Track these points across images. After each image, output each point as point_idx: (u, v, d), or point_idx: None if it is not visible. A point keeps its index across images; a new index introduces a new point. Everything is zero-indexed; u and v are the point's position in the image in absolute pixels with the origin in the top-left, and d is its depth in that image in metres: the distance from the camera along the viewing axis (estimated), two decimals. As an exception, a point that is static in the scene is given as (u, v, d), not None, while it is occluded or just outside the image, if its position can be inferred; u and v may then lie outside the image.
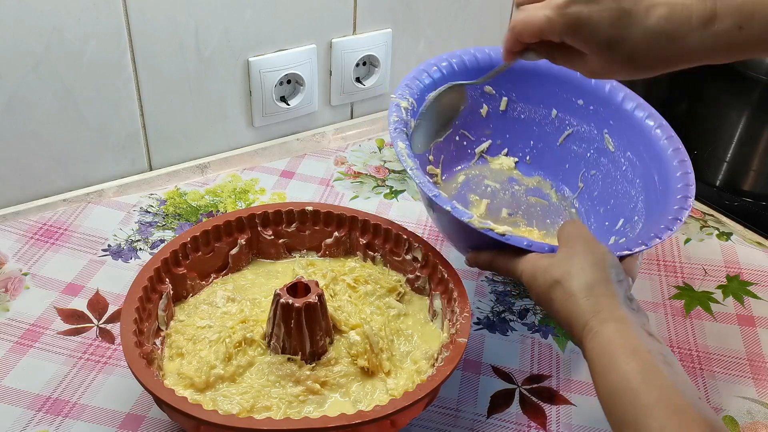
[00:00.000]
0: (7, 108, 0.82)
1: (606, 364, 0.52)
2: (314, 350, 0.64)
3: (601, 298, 0.55)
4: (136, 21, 0.84)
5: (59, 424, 0.65)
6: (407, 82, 0.77)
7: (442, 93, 0.74)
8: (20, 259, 0.81)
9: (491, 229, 0.64)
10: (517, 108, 0.85)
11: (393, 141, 0.70)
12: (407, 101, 0.74)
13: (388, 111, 0.74)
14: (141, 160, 0.94)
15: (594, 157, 0.83)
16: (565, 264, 0.58)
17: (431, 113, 0.74)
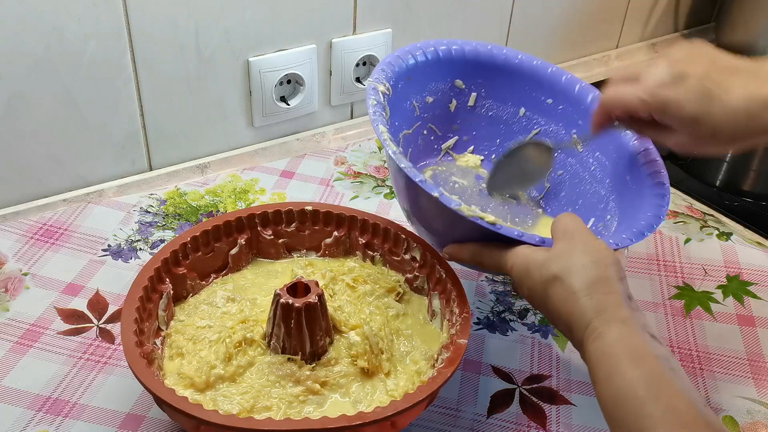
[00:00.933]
0: (7, 108, 0.82)
1: (610, 369, 0.50)
2: (314, 350, 0.64)
3: (604, 297, 0.53)
4: (136, 21, 0.84)
5: (59, 424, 0.65)
6: (383, 67, 0.74)
7: (526, 144, 0.76)
8: (20, 259, 0.81)
9: (481, 218, 0.61)
10: (486, 105, 0.83)
11: (374, 124, 0.67)
12: (384, 86, 0.72)
13: (366, 94, 0.71)
14: (141, 160, 0.94)
15: (561, 157, 0.81)
16: (564, 259, 0.56)
17: (514, 161, 0.76)
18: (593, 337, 0.52)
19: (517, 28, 1.18)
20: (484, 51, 0.80)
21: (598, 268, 0.55)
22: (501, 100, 0.82)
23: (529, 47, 1.23)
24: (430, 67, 0.78)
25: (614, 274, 0.55)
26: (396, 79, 0.74)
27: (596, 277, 0.54)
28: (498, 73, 0.81)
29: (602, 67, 1.34)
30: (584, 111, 0.78)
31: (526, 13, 1.17)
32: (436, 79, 0.80)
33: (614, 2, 1.30)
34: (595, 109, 0.67)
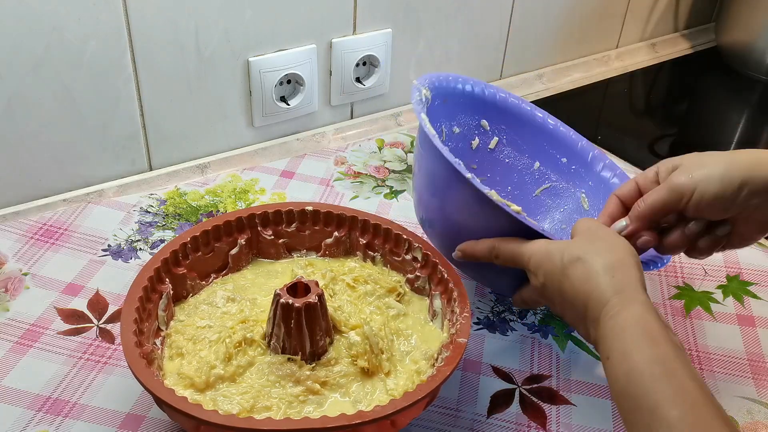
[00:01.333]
0: (7, 108, 0.82)
1: (628, 345, 0.51)
2: (314, 350, 0.64)
3: (624, 278, 0.55)
4: (136, 21, 0.84)
5: (59, 424, 0.65)
6: (431, 77, 0.78)
7: None
8: (20, 259, 0.81)
9: (509, 205, 0.64)
10: (504, 151, 0.86)
11: (417, 113, 0.70)
12: (426, 90, 0.75)
13: (411, 91, 0.74)
14: (141, 160, 0.94)
15: (567, 212, 0.85)
16: (587, 244, 0.59)
17: None
18: (611, 315, 0.53)
19: (517, 28, 1.18)
20: (513, 101, 0.84)
21: (618, 253, 0.57)
22: (519, 150, 0.86)
23: (529, 47, 1.23)
24: (465, 99, 0.81)
25: (634, 262, 0.57)
26: (435, 94, 0.77)
27: (617, 261, 0.57)
28: (521, 123, 0.85)
29: (602, 67, 1.34)
30: (595, 175, 0.83)
31: (526, 13, 1.18)
32: (466, 113, 0.83)
33: (614, 2, 1.30)
34: (631, 215, 0.64)
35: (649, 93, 1.37)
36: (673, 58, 1.43)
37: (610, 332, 0.53)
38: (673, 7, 1.42)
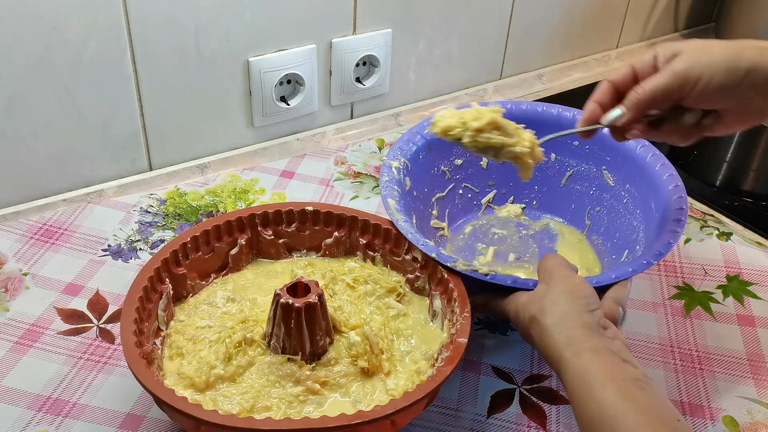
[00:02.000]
0: (7, 108, 0.82)
1: (582, 395, 0.52)
2: (314, 350, 0.64)
3: (573, 330, 0.56)
4: (136, 21, 0.84)
5: (59, 424, 0.65)
6: (400, 144, 0.81)
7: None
8: (20, 259, 0.81)
9: (475, 270, 0.67)
10: None
11: (383, 199, 0.74)
12: (399, 161, 0.78)
13: (381, 171, 0.78)
14: (141, 160, 0.94)
15: (597, 194, 0.85)
16: (539, 300, 0.60)
17: None
18: (566, 370, 0.55)
19: (517, 28, 1.18)
20: (508, 108, 0.84)
21: (568, 303, 0.58)
22: None
23: (529, 47, 1.23)
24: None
25: (583, 307, 0.58)
26: (416, 152, 0.81)
27: (565, 313, 0.58)
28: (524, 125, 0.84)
29: (602, 67, 1.34)
30: (609, 146, 0.82)
31: (526, 13, 1.17)
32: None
33: (614, 2, 1.30)
34: (628, 103, 0.62)
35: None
36: (673, 58, 1.43)
37: (568, 386, 0.55)
38: (673, 7, 1.42)
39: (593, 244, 0.85)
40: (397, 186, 0.76)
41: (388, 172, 0.77)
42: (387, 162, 0.78)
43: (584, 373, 0.53)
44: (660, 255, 0.69)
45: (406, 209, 0.75)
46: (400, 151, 0.80)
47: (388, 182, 0.76)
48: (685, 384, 0.72)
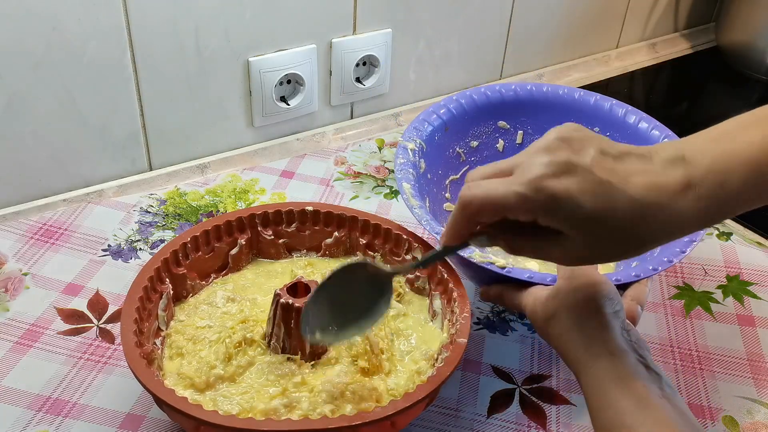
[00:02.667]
0: (7, 108, 0.82)
1: (600, 401, 0.51)
2: (314, 350, 0.64)
3: (592, 332, 0.54)
4: (136, 21, 0.84)
5: (59, 424, 0.65)
6: (415, 125, 0.79)
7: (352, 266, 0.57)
8: (20, 259, 0.81)
9: (492, 263, 0.65)
10: (533, 139, 0.83)
11: (398, 182, 0.73)
12: (414, 143, 0.77)
13: (396, 153, 0.76)
14: (141, 160, 0.94)
15: None
16: (560, 298, 0.58)
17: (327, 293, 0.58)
18: (584, 372, 0.54)
19: (517, 28, 1.18)
20: (524, 91, 0.83)
21: (590, 304, 0.56)
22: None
23: (530, 47, 1.23)
24: (469, 115, 0.81)
25: (607, 308, 0.56)
26: (431, 133, 0.79)
27: (587, 314, 0.56)
28: (541, 108, 0.84)
29: (602, 67, 1.34)
30: (631, 134, 0.81)
31: (527, 13, 1.17)
32: (478, 124, 0.82)
33: (614, 2, 1.30)
34: (452, 214, 0.52)
35: (649, 93, 1.37)
36: (673, 58, 1.43)
37: (585, 390, 0.53)
38: (673, 7, 1.42)
39: None
40: (412, 169, 0.75)
41: (403, 154, 0.75)
42: (402, 143, 0.76)
43: (603, 377, 0.52)
44: (681, 253, 0.67)
45: (420, 193, 0.74)
46: (416, 132, 0.78)
47: (404, 165, 0.74)
48: (685, 384, 0.72)
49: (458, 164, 0.84)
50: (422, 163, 0.77)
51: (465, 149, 0.84)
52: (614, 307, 0.56)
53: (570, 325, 0.56)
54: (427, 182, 0.79)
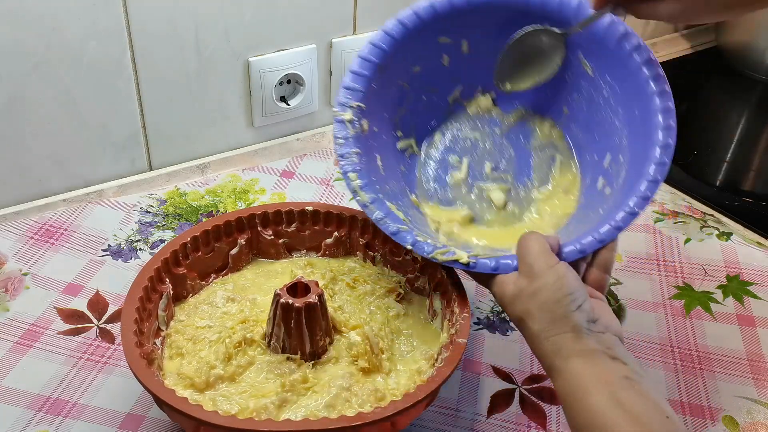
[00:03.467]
0: (7, 108, 0.82)
1: (573, 403, 0.52)
2: (314, 350, 0.64)
3: (559, 337, 0.55)
4: (136, 21, 0.84)
5: (59, 424, 0.65)
6: (347, 84, 0.71)
7: (532, 33, 0.70)
8: (20, 259, 0.81)
9: (456, 260, 0.64)
10: (480, 46, 0.77)
11: (344, 174, 0.69)
12: (350, 111, 0.70)
13: (334, 130, 0.70)
14: (141, 160, 0.94)
15: (572, 79, 0.74)
16: (524, 301, 0.57)
17: (521, 50, 0.71)
18: (556, 376, 0.54)
19: (517, 28, 1.18)
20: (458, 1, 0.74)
21: (553, 304, 0.56)
22: (494, 36, 0.75)
23: (529, 47, 1.23)
24: (404, 45, 0.73)
25: (570, 305, 0.55)
26: (367, 86, 0.72)
27: (551, 319, 0.55)
28: (480, 13, 0.74)
29: (602, 67, 1.34)
30: (586, 32, 0.70)
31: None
32: (416, 49, 0.74)
33: (614, 2, 1.30)
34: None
35: (649, 93, 1.37)
36: (673, 58, 1.43)
37: (560, 394, 0.54)
38: (673, 7, 1.42)
39: (573, 137, 0.75)
40: (356, 146, 0.69)
41: (341, 131, 0.69)
42: (338, 116, 0.70)
43: (573, 380, 0.52)
44: (646, 199, 0.63)
45: (368, 156, 0.70)
46: (351, 94, 0.71)
47: (345, 145, 0.69)
48: (685, 384, 0.72)
49: (403, 95, 0.76)
50: (365, 124, 0.71)
51: (407, 79, 0.75)
52: (577, 302, 0.55)
53: (537, 331, 0.56)
54: (374, 139, 0.73)
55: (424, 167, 0.78)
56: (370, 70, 0.72)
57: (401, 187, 0.74)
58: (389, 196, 0.71)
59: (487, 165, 0.77)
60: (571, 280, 0.57)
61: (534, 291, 0.57)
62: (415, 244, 0.66)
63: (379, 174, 0.71)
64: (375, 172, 0.70)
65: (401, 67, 0.74)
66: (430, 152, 0.79)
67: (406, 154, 0.77)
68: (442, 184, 0.76)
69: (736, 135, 1.24)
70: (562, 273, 0.57)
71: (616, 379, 0.51)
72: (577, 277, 0.57)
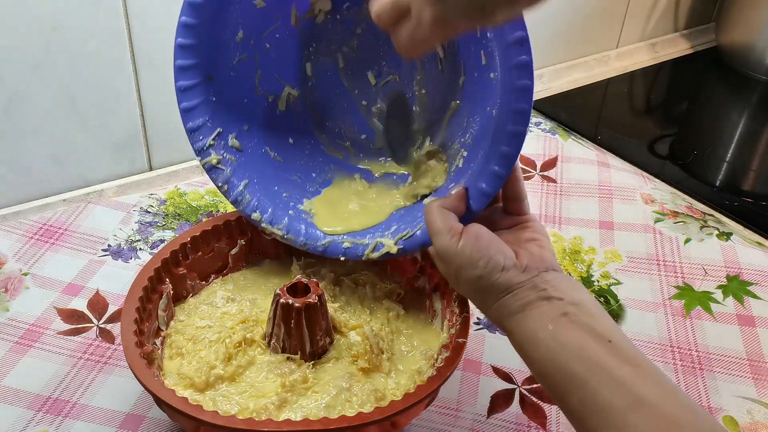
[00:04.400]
0: (7, 108, 0.82)
1: (526, 358, 0.52)
2: (314, 350, 0.64)
3: (498, 303, 0.53)
4: (136, 21, 0.84)
5: (59, 424, 0.65)
6: (184, 105, 0.64)
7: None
8: (20, 259, 0.81)
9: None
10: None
11: (247, 216, 0.68)
12: (212, 149, 0.66)
13: (211, 178, 0.67)
14: (141, 160, 0.94)
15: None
16: (456, 285, 0.56)
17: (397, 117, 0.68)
18: (509, 337, 0.54)
19: (517, 28, 1.18)
20: None
21: (478, 284, 0.54)
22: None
23: (529, 47, 1.23)
24: (214, 24, 0.63)
25: (491, 275, 0.53)
26: (205, 97, 0.65)
27: (482, 294, 0.54)
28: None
29: (602, 67, 1.34)
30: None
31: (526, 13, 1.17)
32: (247, 21, 0.65)
33: (614, 2, 1.30)
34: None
35: (649, 93, 1.37)
36: (673, 58, 1.43)
37: (515, 348, 0.54)
38: (673, 7, 1.42)
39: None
40: (243, 176, 0.67)
41: (219, 176, 0.66)
42: (206, 163, 0.66)
43: (518, 336, 0.52)
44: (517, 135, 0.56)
45: (265, 188, 0.68)
46: (198, 128, 0.64)
47: (231, 186, 0.67)
48: (685, 384, 0.72)
49: (244, 69, 0.68)
50: (234, 142, 0.67)
51: (249, 54, 0.67)
52: (498, 265, 0.53)
53: (478, 306, 0.55)
54: (250, 138, 0.68)
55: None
56: (195, 100, 0.65)
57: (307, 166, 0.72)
58: (296, 195, 0.69)
59: (369, 75, 0.71)
60: (483, 247, 0.53)
61: (455, 274, 0.55)
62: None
63: (280, 177, 0.69)
64: (274, 179, 0.69)
65: (224, 49, 0.65)
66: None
67: (293, 108, 0.72)
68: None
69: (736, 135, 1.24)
70: (470, 245, 0.53)
71: (553, 320, 0.50)
72: (487, 237, 0.54)
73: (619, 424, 0.45)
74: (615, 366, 0.47)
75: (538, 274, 0.53)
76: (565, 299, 0.52)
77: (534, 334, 0.51)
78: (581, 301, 0.52)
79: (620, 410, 0.45)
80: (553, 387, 0.50)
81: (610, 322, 0.51)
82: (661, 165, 1.10)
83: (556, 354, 0.49)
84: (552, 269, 0.54)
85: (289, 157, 0.72)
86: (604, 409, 0.46)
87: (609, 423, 0.46)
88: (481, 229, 0.54)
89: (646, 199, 0.98)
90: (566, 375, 0.49)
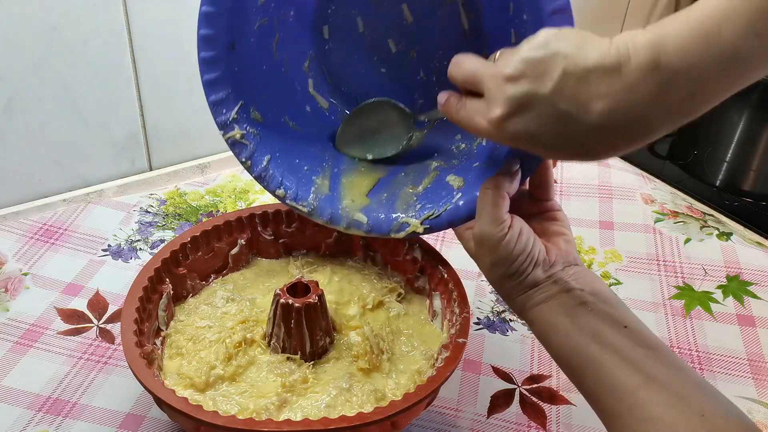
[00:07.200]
0: (7, 108, 0.82)
1: (546, 343, 0.55)
2: (314, 350, 0.64)
3: (523, 296, 0.55)
4: (136, 21, 0.84)
5: (59, 424, 0.65)
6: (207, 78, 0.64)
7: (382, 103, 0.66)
8: (20, 259, 0.81)
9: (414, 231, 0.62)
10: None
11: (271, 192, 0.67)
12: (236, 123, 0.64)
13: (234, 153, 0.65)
14: (141, 160, 0.94)
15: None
16: (486, 272, 0.57)
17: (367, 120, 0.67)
18: (529, 325, 0.56)
19: (517, 28, 1.18)
20: None
21: (510, 275, 0.55)
22: None
23: (529, 47, 1.23)
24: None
25: (526, 270, 0.54)
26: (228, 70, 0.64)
27: (511, 286, 0.55)
28: None
29: (602, 67, 1.34)
30: None
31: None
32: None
33: (614, 2, 1.30)
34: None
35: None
36: (673, 58, 1.43)
37: (535, 335, 0.56)
38: (673, 7, 1.42)
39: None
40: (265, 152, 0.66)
41: (242, 151, 0.66)
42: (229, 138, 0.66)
43: (539, 326, 0.54)
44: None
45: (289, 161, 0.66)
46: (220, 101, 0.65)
47: (255, 163, 0.66)
48: (685, 384, 0.72)
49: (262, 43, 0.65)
50: (255, 115, 0.66)
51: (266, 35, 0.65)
52: (530, 261, 0.54)
53: (503, 295, 0.56)
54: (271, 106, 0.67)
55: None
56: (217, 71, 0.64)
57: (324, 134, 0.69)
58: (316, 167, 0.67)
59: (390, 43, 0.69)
60: (523, 244, 0.54)
61: (490, 263, 0.55)
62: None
63: (300, 149, 0.66)
64: (294, 152, 0.66)
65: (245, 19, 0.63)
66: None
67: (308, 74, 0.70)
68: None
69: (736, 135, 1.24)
70: (514, 240, 0.54)
71: (573, 308, 0.53)
72: (527, 233, 0.55)
73: (629, 401, 0.48)
74: (629, 348, 0.50)
75: (563, 268, 0.55)
76: (585, 290, 0.54)
77: (554, 322, 0.53)
78: (600, 291, 0.54)
79: (631, 388, 0.48)
80: (571, 369, 0.53)
81: (627, 311, 0.53)
82: (661, 165, 1.10)
83: (574, 339, 0.52)
84: (575, 264, 0.56)
85: (307, 125, 0.70)
86: (617, 387, 0.49)
87: (621, 400, 0.49)
88: (523, 224, 0.55)
89: (646, 199, 0.98)
90: (583, 357, 0.51)
